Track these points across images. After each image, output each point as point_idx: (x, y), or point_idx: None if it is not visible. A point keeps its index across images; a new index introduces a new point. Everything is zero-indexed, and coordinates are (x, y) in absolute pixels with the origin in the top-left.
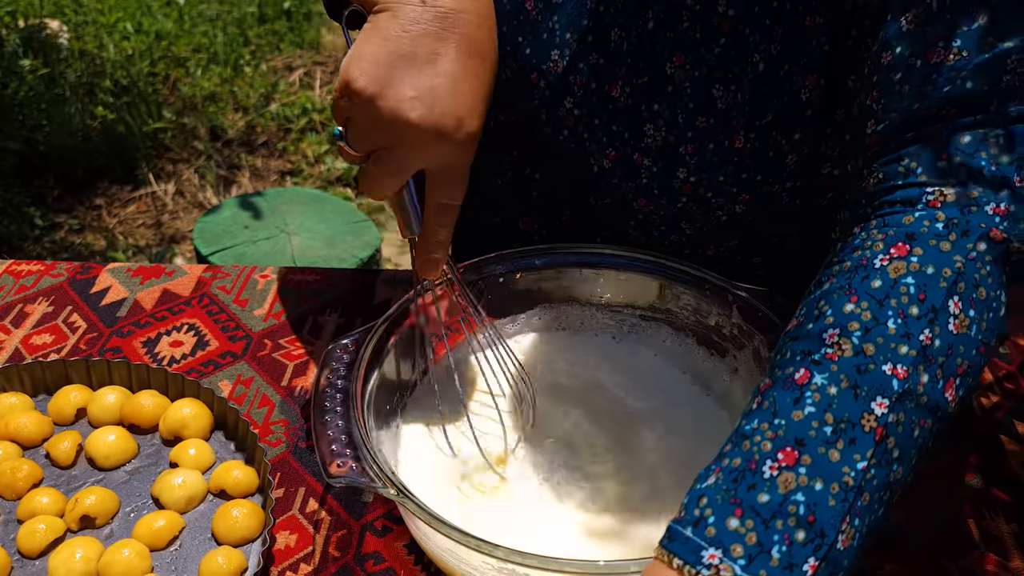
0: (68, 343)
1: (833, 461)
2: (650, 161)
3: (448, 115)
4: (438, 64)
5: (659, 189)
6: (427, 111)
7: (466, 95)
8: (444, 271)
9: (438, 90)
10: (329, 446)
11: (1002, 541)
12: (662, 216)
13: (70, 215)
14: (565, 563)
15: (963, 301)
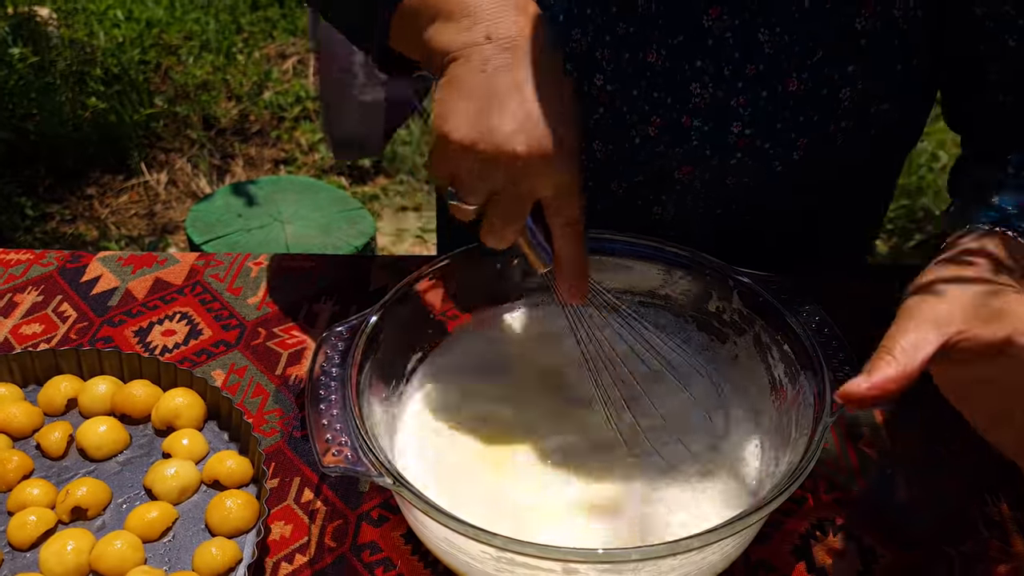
0: (58, 332)
1: None
2: (700, 121)
3: (547, 135)
4: (522, 92)
5: (711, 149)
6: (529, 139)
7: (556, 112)
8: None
9: (532, 116)
10: (324, 435)
11: (1003, 526)
12: (705, 181)
13: (61, 205)
14: (564, 551)
15: None
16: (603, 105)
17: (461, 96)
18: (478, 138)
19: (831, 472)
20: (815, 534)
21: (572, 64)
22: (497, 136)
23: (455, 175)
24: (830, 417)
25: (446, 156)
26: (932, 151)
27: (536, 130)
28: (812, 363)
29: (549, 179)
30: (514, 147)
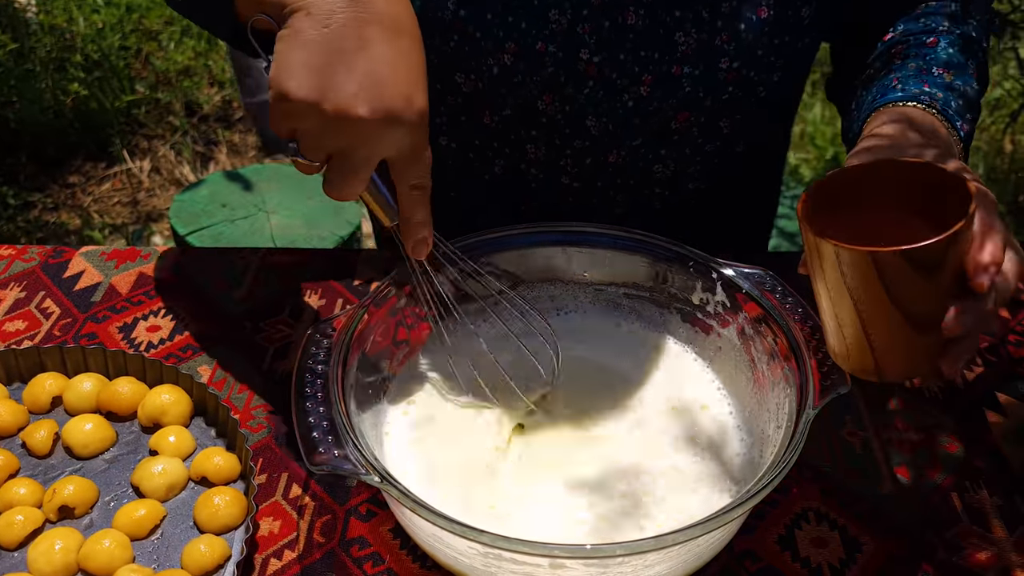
0: (42, 329)
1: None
2: (690, 67)
3: (396, 97)
4: (369, 50)
5: (704, 91)
6: (374, 101)
7: (405, 73)
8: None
9: (378, 77)
10: (310, 433)
11: (984, 513)
12: (702, 124)
13: (44, 194)
14: (551, 547)
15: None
16: (592, 79)
17: (303, 50)
18: (320, 97)
19: (815, 462)
20: (800, 524)
21: (555, 45)
22: (340, 96)
23: (297, 130)
24: (812, 409)
25: (287, 112)
26: None
27: (381, 92)
28: (795, 355)
29: (394, 142)
30: (356, 109)
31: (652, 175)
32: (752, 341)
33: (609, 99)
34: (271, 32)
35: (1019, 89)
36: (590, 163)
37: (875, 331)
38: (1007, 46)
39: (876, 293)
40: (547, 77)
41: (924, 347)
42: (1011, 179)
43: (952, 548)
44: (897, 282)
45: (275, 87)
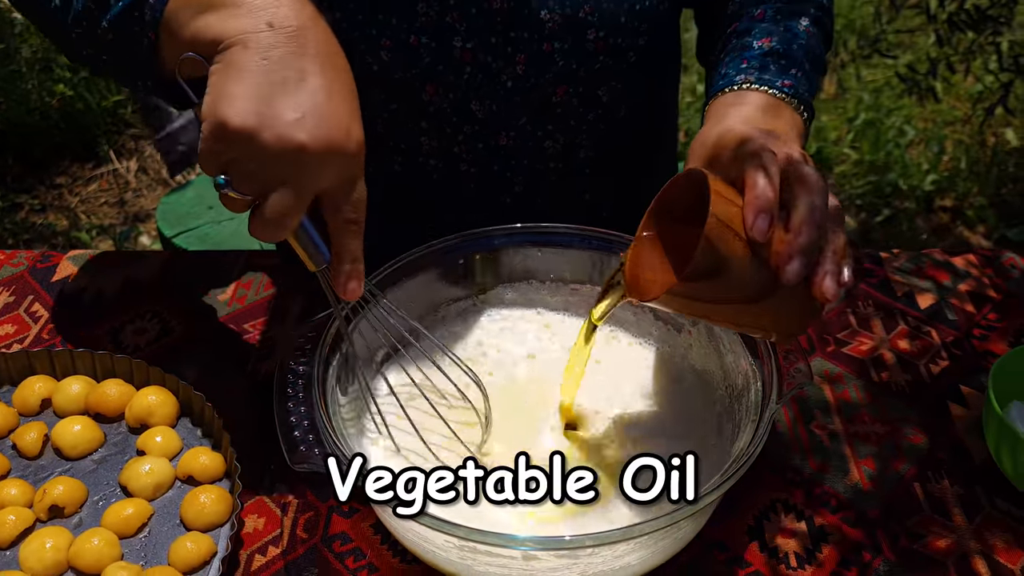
0: (30, 333)
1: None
2: (559, 42)
3: (336, 127)
4: (308, 81)
5: (576, 63)
6: (314, 129)
7: (343, 104)
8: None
9: (318, 106)
10: (291, 432)
11: (945, 502)
12: (580, 95)
13: (30, 195)
14: (523, 539)
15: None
16: (469, 65)
17: (241, 81)
18: (259, 125)
19: (784, 454)
20: (768, 515)
21: (427, 36)
22: (280, 124)
23: (230, 163)
24: (777, 403)
25: (221, 142)
26: (899, 127)
27: (322, 120)
28: (760, 353)
29: (333, 173)
30: (296, 136)
31: (544, 151)
32: (720, 339)
33: (488, 82)
34: (198, 77)
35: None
36: (482, 148)
37: (746, 322)
38: (987, 41)
39: (705, 309)
40: (425, 68)
41: (792, 298)
42: (993, 172)
43: (914, 536)
44: (707, 295)
45: (211, 117)
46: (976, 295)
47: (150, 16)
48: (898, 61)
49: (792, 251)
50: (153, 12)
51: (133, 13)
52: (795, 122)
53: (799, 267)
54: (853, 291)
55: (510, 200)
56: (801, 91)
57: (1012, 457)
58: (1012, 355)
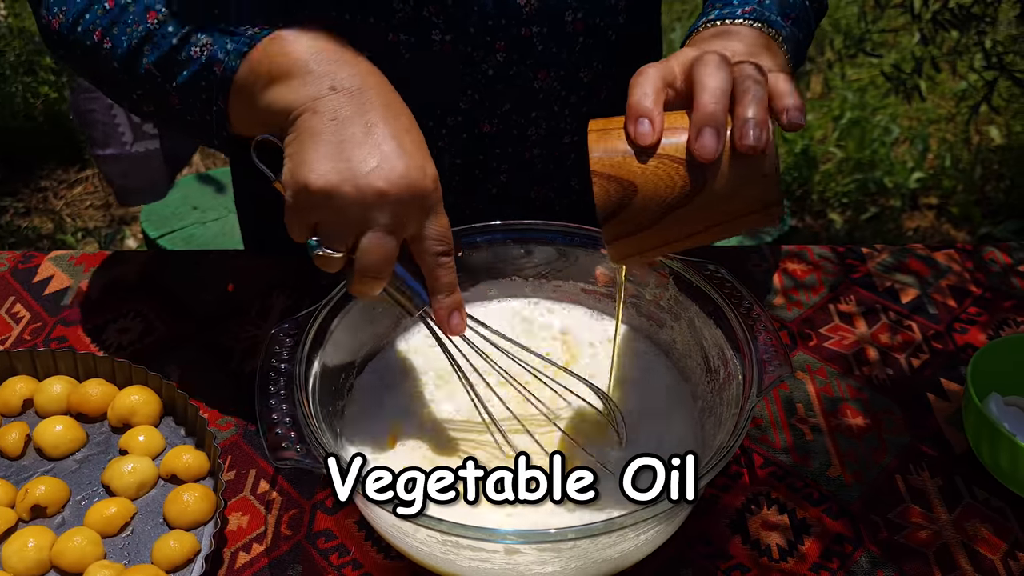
0: (12, 334)
1: None
2: (538, 27)
3: (412, 168)
4: (376, 133)
5: (557, 46)
6: (392, 174)
7: (412, 146)
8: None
9: (391, 152)
10: (273, 430)
11: (927, 495)
12: (562, 78)
13: (15, 198)
14: (504, 533)
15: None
16: (446, 55)
17: (316, 145)
18: (339, 180)
19: (767, 448)
20: (750, 508)
21: (404, 34)
22: (359, 175)
23: (318, 223)
24: (757, 397)
25: (307, 205)
26: (885, 125)
27: (397, 164)
28: (741, 346)
29: (418, 213)
30: (377, 184)
31: (528, 138)
32: (702, 333)
33: (470, 72)
34: (274, 147)
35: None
36: (466, 137)
37: (709, 220)
38: (972, 40)
39: (662, 235)
40: (405, 64)
41: (732, 171)
42: (977, 170)
43: (895, 528)
44: (645, 219)
45: (293, 184)
46: (957, 289)
47: (218, 85)
48: (883, 60)
49: (697, 126)
50: (223, 82)
51: (200, 82)
52: (779, 64)
53: (707, 138)
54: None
55: (496, 190)
56: (799, 29)
57: (991, 448)
58: (990, 348)
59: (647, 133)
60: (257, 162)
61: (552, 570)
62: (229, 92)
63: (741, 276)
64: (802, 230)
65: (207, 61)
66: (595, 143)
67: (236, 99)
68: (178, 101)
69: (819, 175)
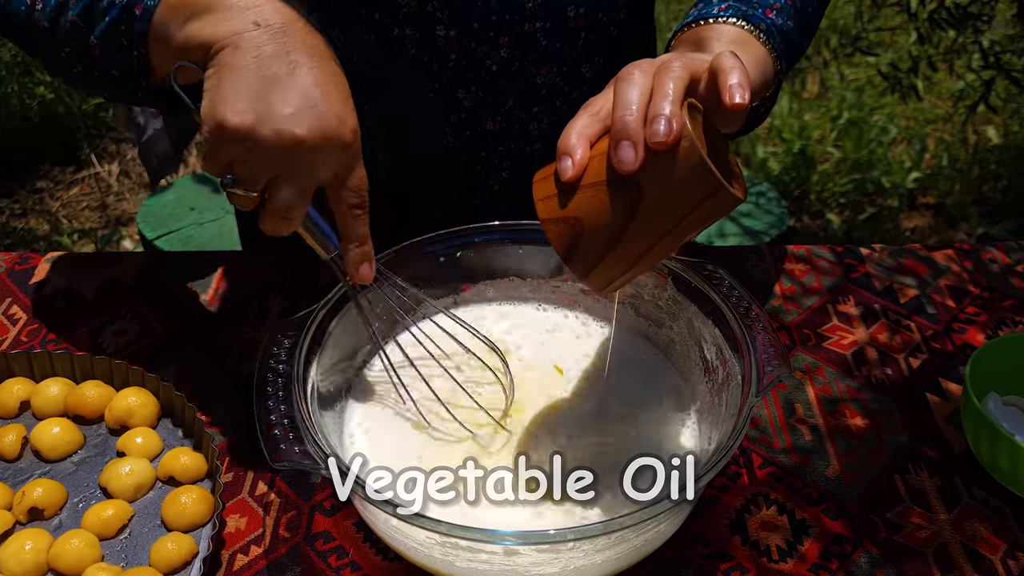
0: (8, 336)
1: None
2: (541, 22)
3: (330, 116)
4: (298, 75)
5: (560, 41)
6: (310, 120)
7: (335, 94)
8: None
9: (311, 98)
10: (272, 431)
11: (926, 495)
12: (564, 73)
13: (11, 200)
14: (504, 534)
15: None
16: (454, 52)
17: (234, 82)
18: (256, 122)
19: (766, 449)
20: (750, 509)
21: (410, 29)
22: (277, 119)
23: (233, 161)
24: (756, 397)
25: (222, 142)
26: (882, 125)
27: (316, 112)
28: (740, 346)
29: (333, 161)
30: (293, 129)
31: (529, 134)
32: (701, 333)
33: (474, 68)
34: (192, 84)
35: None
36: (469, 135)
37: (663, 225)
38: (969, 39)
39: (627, 254)
40: (410, 59)
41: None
42: (974, 170)
43: (894, 528)
44: (600, 246)
45: (210, 120)
46: (956, 289)
47: (138, 28)
48: (880, 60)
49: (612, 142)
50: (140, 24)
51: (119, 27)
52: (757, 56)
53: (622, 151)
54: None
55: (498, 186)
56: (777, 28)
57: (990, 448)
58: (988, 347)
59: (567, 169)
60: (178, 89)
61: (551, 571)
62: (148, 35)
63: (739, 276)
64: (800, 230)
65: (127, 3)
66: (536, 193)
67: (156, 42)
68: (99, 51)
69: (817, 175)
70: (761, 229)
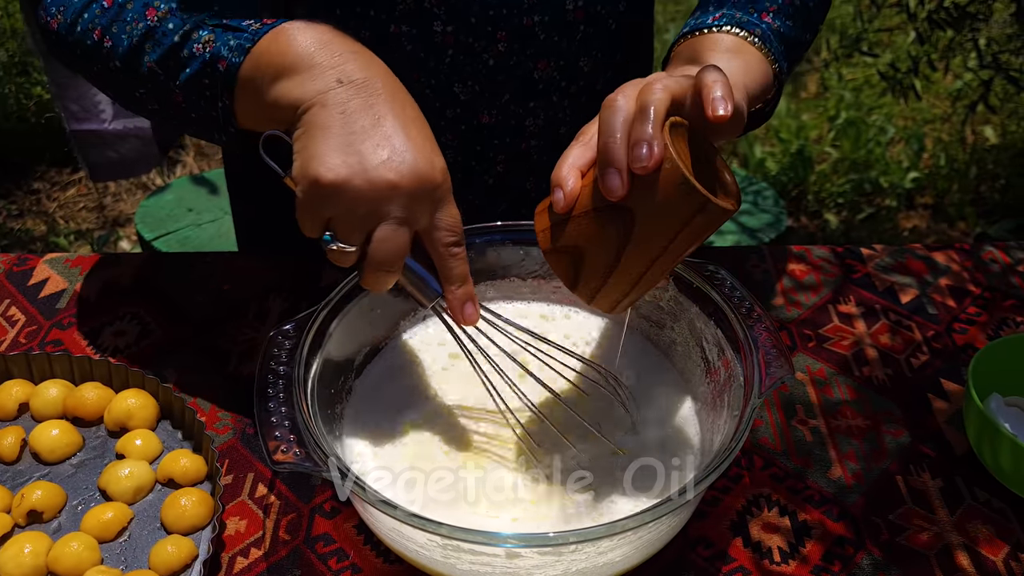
0: (7, 337)
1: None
2: (539, 15)
3: (421, 160)
4: (384, 125)
5: (558, 35)
6: (402, 166)
7: (420, 137)
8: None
9: (400, 144)
10: (272, 433)
11: (928, 496)
12: (562, 67)
13: (7, 200)
14: (506, 537)
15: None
16: (451, 47)
17: (326, 138)
18: (350, 173)
19: (767, 451)
20: (751, 510)
21: (407, 25)
22: (369, 168)
23: (330, 218)
24: (758, 399)
25: (319, 199)
26: (880, 125)
27: (407, 156)
28: (742, 347)
29: (428, 204)
30: (388, 176)
31: (525, 129)
32: (702, 334)
33: (471, 63)
34: (282, 143)
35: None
36: (465, 129)
37: (659, 244)
38: (966, 38)
39: (629, 273)
40: (407, 56)
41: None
42: (972, 170)
43: (896, 530)
44: (602, 268)
45: (304, 179)
46: (957, 289)
47: (223, 82)
48: (879, 60)
49: (599, 170)
50: (227, 79)
51: (203, 80)
52: (752, 63)
53: (607, 178)
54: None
55: (492, 181)
56: (769, 33)
57: (992, 449)
58: (991, 348)
59: (559, 200)
60: (266, 158)
61: (553, 574)
62: (234, 88)
63: (740, 277)
64: (798, 230)
65: (210, 58)
66: (537, 225)
67: (242, 95)
68: (182, 99)
69: (815, 175)
70: (759, 229)
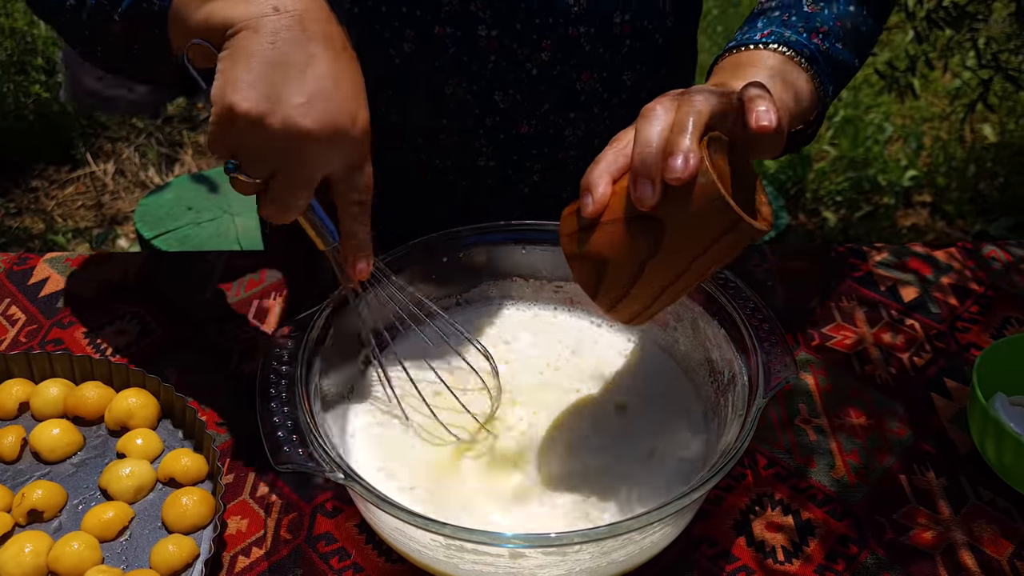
0: (7, 336)
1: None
2: (585, 27)
3: (342, 112)
4: (314, 66)
5: (603, 47)
6: (321, 114)
7: (349, 88)
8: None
9: (324, 91)
10: (275, 433)
11: (932, 495)
12: (605, 80)
13: (6, 199)
14: (510, 537)
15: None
16: (493, 52)
17: (249, 67)
18: (267, 110)
19: (770, 449)
20: (755, 509)
21: (451, 28)
22: (287, 109)
23: (238, 147)
24: (763, 399)
25: (230, 128)
26: (878, 123)
27: (328, 105)
28: (746, 347)
29: (340, 157)
30: (302, 121)
31: (564, 139)
32: (706, 334)
33: (513, 70)
34: (205, 64)
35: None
36: (503, 138)
37: (686, 254)
38: (965, 37)
39: (653, 285)
40: (450, 59)
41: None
42: (970, 168)
43: (900, 528)
44: (626, 277)
45: (220, 102)
46: (959, 288)
47: (159, 6)
48: (877, 58)
49: (631, 179)
50: (161, 2)
51: (142, 5)
52: (797, 84)
53: (640, 188)
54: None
55: (528, 190)
56: (817, 55)
57: (997, 448)
58: (996, 347)
59: (588, 205)
60: (191, 70)
61: (557, 573)
62: (168, 13)
63: (741, 276)
64: (796, 228)
65: None
66: (562, 228)
67: (175, 21)
68: (119, 28)
69: (813, 173)
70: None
